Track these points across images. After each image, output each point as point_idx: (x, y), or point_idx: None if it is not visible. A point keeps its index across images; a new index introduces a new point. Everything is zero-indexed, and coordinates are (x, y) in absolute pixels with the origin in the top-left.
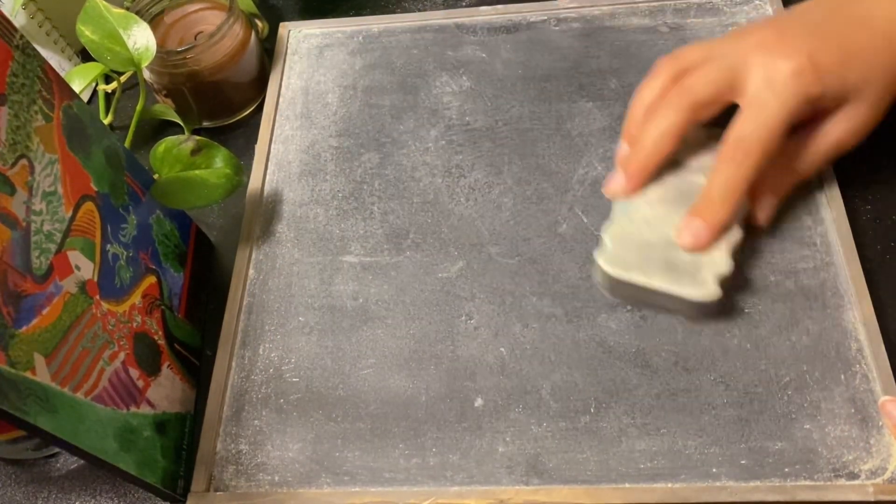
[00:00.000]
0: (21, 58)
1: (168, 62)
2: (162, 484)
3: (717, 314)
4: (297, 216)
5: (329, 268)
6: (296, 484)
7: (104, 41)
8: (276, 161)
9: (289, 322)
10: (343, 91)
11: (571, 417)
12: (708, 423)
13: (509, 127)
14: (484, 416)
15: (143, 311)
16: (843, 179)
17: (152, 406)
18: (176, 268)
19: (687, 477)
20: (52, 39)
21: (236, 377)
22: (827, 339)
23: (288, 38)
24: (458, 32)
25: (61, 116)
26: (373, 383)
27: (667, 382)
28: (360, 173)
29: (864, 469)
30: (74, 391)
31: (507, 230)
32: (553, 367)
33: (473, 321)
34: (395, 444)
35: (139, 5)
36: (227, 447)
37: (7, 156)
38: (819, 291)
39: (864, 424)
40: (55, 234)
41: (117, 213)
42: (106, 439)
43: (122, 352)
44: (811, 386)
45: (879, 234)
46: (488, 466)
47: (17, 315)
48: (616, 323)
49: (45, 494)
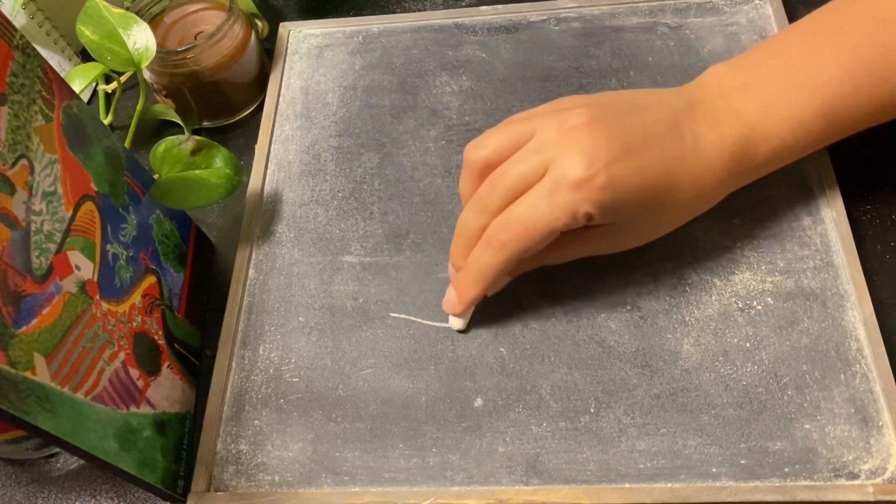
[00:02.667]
0: (21, 58)
1: (168, 62)
2: (162, 484)
3: (717, 314)
4: (297, 216)
5: (329, 268)
6: (296, 484)
7: (104, 41)
8: (276, 161)
9: (289, 322)
10: (343, 91)
11: (571, 417)
12: (708, 423)
13: None
14: (484, 416)
15: (143, 311)
16: (843, 179)
17: (152, 406)
18: (176, 268)
19: (687, 477)
20: (52, 39)
21: (236, 377)
22: (827, 339)
23: (288, 38)
24: (458, 32)
25: (61, 116)
26: (373, 383)
27: (667, 382)
28: (360, 173)
29: (864, 469)
30: (74, 391)
31: None
32: (553, 367)
33: (473, 321)
34: (395, 444)
35: (139, 5)
36: (227, 447)
37: (7, 156)
38: (819, 291)
39: (864, 424)
40: (55, 234)
41: (117, 213)
42: (106, 439)
43: (122, 352)
44: (811, 386)
45: (879, 234)
46: (488, 466)
47: (17, 315)
48: (616, 323)
49: (45, 494)
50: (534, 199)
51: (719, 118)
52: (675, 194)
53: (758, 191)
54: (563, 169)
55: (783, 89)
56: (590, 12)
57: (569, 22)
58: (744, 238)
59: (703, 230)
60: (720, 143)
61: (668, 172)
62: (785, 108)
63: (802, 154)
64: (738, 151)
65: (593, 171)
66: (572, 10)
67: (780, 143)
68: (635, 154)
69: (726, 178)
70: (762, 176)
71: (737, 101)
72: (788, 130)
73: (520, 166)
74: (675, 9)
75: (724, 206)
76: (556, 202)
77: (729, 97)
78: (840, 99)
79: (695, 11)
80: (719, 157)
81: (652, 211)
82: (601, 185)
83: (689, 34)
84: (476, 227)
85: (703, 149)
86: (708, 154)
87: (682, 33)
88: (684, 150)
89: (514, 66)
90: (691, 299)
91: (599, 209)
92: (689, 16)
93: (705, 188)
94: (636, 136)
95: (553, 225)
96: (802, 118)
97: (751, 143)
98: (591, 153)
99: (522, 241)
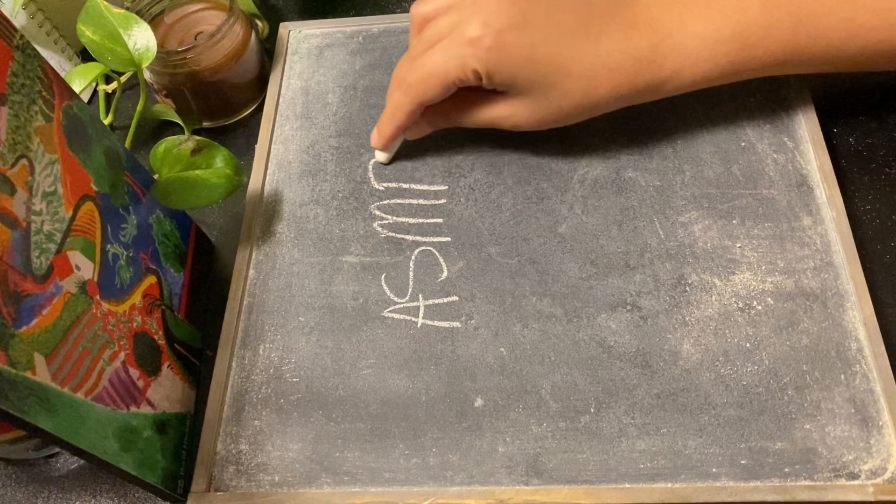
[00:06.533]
0: (21, 58)
1: (168, 62)
2: (162, 484)
3: (717, 314)
4: (297, 216)
5: (329, 268)
6: (296, 484)
7: (104, 41)
8: (276, 161)
9: (289, 322)
10: (343, 91)
11: (571, 417)
12: (708, 423)
13: None
14: (484, 417)
15: (143, 311)
16: (843, 179)
17: (152, 406)
18: (176, 268)
19: (687, 477)
20: (52, 39)
21: (236, 377)
22: (827, 339)
23: (288, 38)
24: None
25: (61, 116)
26: (373, 383)
27: (667, 382)
28: (360, 173)
29: (864, 469)
30: (74, 391)
31: (507, 230)
32: (553, 367)
33: (473, 321)
34: (395, 444)
35: (139, 5)
36: (228, 447)
37: (7, 156)
38: (819, 291)
39: (864, 424)
40: (55, 234)
41: (117, 213)
42: (106, 439)
43: (123, 352)
44: (811, 386)
45: (879, 234)
46: (488, 466)
47: (17, 315)
48: (616, 323)
49: (45, 494)
50: (436, 50)
51: (634, 23)
52: (563, 83)
53: (758, 191)
54: (463, 27)
55: (703, 10)
56: None
57: None
58: (744, 238)
59: (703, 230)
60: (626, 43)
61: (560, 56)
62: (699, 25)
63: (710, 83)
64: (642, 57)
65: (485, 32)
66: None
67: (688, 60)
68: (531, 28)
69: (623, 80)
70: (663, 97)
71: (656, 11)
72: (698, 48)
73: (440, 22)
74: None
75: (725, 206)
76: (450, 54)
77: (650, 7)
78: (754, 29)
79: None
80: (619, 55)
81: (538, 92)
82: (488, 45)
83: None
84: (401, 73)
85: (604, 44)
86: (610, 51)
87: None
88: (586, 43)
89: None
90: (691, 299)
91: (485, 68)
92: None
93: (597, 85)
94: (540, 14)
95: (446, 75)
96: (715, 38)
97: (658, 52)
98: (490, 17)
99: (422, 84)
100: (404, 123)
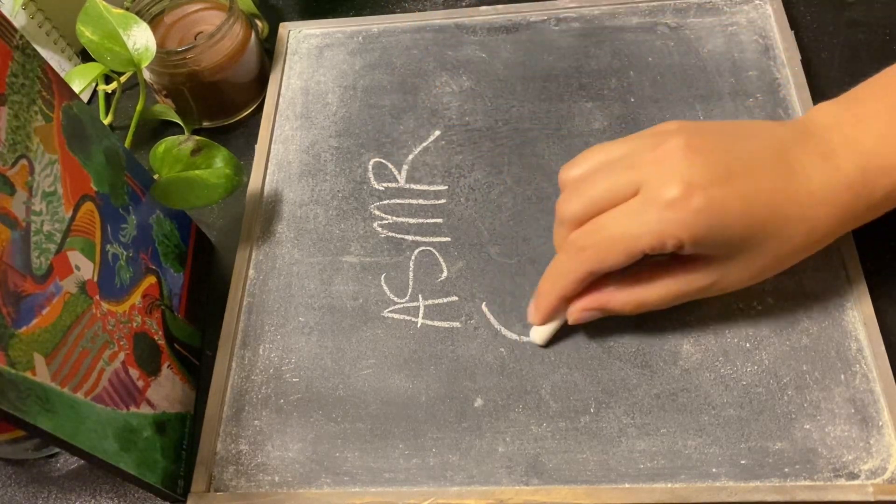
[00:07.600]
0: (21, 58)
1: (168, 62)
2: (162, 484)
3: (717, 314)
4: (297, 216)
5: (329, 268)
6: (296, 484)
7: (104, 41)
8: (276, 161)
9: (289, 322)
10: (343, 91)
11: (571, 417)
12: (708, 423)
13: (509, 127)
14: (484, 417)
15: (143, 311)
16: None
17: (152, 406)
18: (176, 268)
19: (687, 477)
20: (52, 39)
21: (236, 377)
22: (827, 339)
23: (288, 38)
24: (458, 32)
25: (61, 117)
26: (373, 383)
27: (667, 382)
28: (360, 173)
29: (864, 469)
30: (74, 391)
31: (507, 230)
32: (553, 367)
33: (473, 321)
34: (395, 444)
35: (139, 5)
36: (228, 447)
37: (7, 156)
38: (819, 291)
39: (864, 424)
40: (55, 234)
41: (117, 213)
42: (106, 439)
43: (122, 352)
44: (811, 386)
45: (879, 234)
46: (488, 466)
47: (17, 315)
48: (616, 323)
49: (45, 494)
50: (621, 213)
51: (834, 150)
52: (783, 230)
53: None
54: (656, 188)
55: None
56: (590, 12)
57: (569, 22)
58: None
59: None
60: (836, 175)
61: (775, 203)
62: None
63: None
64: (856, 184)
65: (690, 191)
66: (572, 10)
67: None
68: (738, 180)
69: (842, 213)
70: (877, 217)
71: (852, 132)
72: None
73: (609, 178)
74: (675, 9)
75: None
76: (645, 219)
77: (843, 129)
78: None
79: (695, 11)
80: (835, 189)
81: (754, 247)
82: (697, 207)
83: (689, 34)
84: (557, 239)
85: (815, 180)
86: (822, 186)
87: (681, 33)
88: (795, 181)
89: (514, 67)
90: None
91: (691, 235)
92: (689, 16)
93: (818, 224)
94: (739, 162)
95: (636, 242)
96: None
97: (869, 175)
98: (688, 174)
99: (600, 250)
100: (569, 293)
